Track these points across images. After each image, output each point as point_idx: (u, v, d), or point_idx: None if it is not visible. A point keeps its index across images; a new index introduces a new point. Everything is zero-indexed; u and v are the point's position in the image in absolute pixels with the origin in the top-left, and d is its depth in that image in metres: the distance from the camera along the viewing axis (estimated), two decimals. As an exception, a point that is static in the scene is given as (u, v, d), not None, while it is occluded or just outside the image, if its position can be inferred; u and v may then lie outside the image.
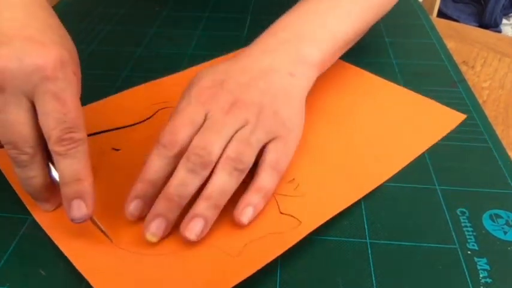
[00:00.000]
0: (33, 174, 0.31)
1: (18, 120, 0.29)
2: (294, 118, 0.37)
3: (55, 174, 0.31)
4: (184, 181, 0.31)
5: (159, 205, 0.31)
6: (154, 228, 0.31)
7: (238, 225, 0.32)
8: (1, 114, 0.29)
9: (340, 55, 0.45)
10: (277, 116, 0.36)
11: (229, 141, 0.33)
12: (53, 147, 0.30)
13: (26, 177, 0.31)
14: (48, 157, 0.31)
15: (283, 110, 0.36)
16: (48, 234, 0.32)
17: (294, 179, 0.36)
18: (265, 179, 0.34)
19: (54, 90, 0.29)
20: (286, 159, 0.35)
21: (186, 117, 0.34)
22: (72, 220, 0.31)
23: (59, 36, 0.32)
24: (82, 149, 0.30)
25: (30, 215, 0.34)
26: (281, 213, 0.34)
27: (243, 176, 0.33)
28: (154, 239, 0.31)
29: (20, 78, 0.28)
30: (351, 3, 0.44)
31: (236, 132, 0.34)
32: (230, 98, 0.35)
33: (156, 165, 0.32)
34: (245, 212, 0.32)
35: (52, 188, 0.32)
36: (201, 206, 0.31)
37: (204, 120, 0.34)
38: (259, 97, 0.36)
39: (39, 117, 0.29)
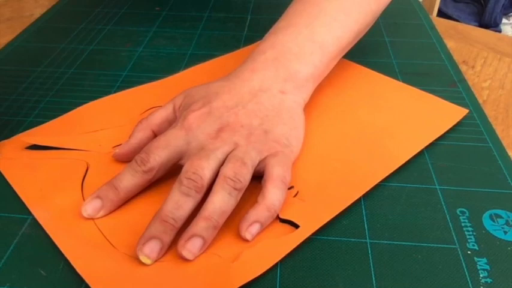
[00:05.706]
0: None
1: None
2: (288, 134, 0.37)
3: None
4: (178, 204, 0.32)
5: (154, 227, 0.31)
6: (148, 250, 0.30)
7: (240, 237, 0.32)
8: None
9: (336, 61, 0.44)
10: (268, 135, 0.36)
11: (221, 164, 0.34)
12: None
13: None
14: None
15: (275, 128, 0.37)
16: (48, 233, 0.32)
17: (293, 186, 0.36)
18: (276, 194, 0.33)
19: None
20: (289, 172, 0.35)
21: (164, 139, 0.35)
22: None
23: None
24: None
25: (30, 215, 0.34)
26: (280, 220, 0.33)
27: (240, 196, 0.33)
28: (148, 262, 0.30)
29: None
30: (334, 7, 0.43)
31: (227, 155, 0.34)
32: (217, 124, 0.36)
33: (125, 175, 0.34)
34: (251, 229, 0.32)
35: None
36: (201, 226, 0.31)
37: (187, 147, 0.35)
38: (247, 119, 0.37)
39: None
